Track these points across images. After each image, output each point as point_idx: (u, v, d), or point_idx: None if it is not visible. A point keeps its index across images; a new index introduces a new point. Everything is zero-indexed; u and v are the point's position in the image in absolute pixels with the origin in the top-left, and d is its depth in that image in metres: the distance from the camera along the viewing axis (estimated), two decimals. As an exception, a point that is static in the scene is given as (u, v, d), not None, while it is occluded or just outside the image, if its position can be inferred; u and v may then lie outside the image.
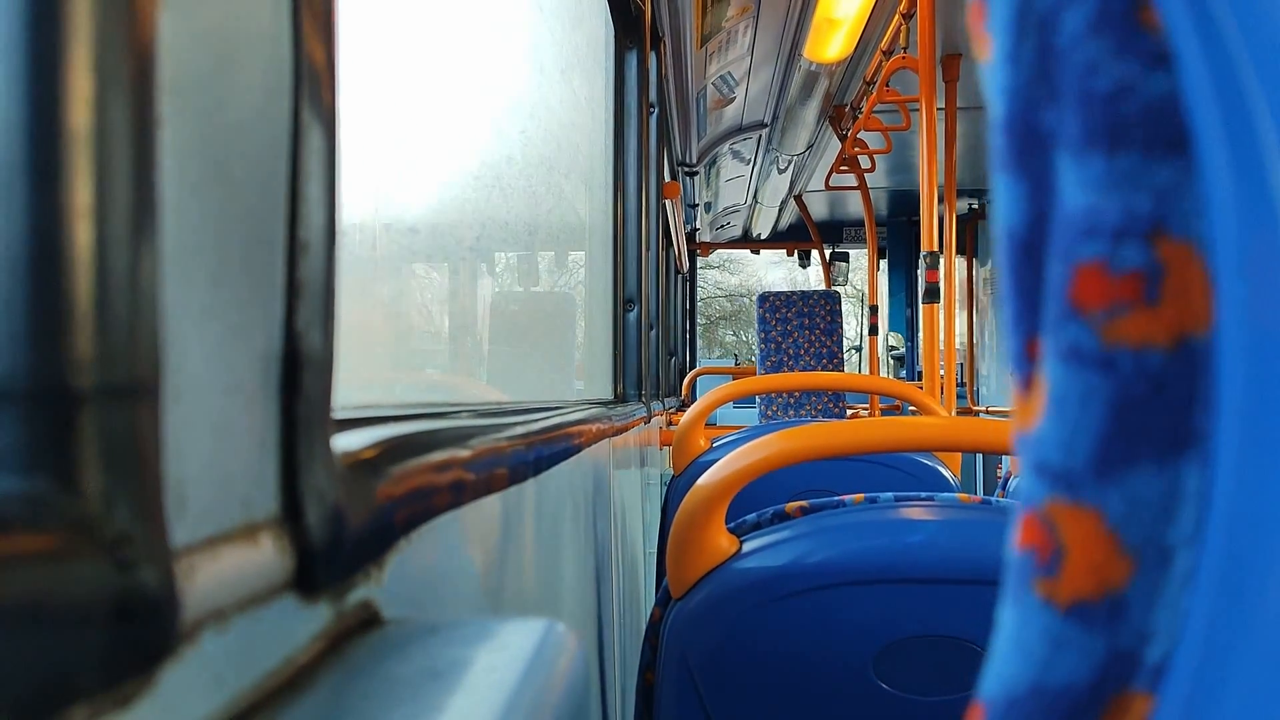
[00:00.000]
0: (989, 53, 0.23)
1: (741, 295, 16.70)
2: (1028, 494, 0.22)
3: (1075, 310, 0.21)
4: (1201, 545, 0.20)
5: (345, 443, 0.37)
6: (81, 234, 0.21)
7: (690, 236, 7.67)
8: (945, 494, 1.02)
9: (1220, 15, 0.18)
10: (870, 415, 5.26)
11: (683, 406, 4.85)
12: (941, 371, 3.07)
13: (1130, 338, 0.20)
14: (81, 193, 0.21)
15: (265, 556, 0.29)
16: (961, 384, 5.85)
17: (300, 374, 0.32)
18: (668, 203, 4.34)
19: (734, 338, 17.01)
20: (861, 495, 1.02)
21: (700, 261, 8.83)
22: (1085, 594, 0.21)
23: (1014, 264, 0.23)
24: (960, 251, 6.41)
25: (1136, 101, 0.20)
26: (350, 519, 0.34)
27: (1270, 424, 0.18)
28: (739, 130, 5.32)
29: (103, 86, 0.22)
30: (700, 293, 10.68)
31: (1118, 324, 0.20)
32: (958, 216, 3.96)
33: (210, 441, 0.27)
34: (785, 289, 5.82)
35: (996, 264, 0.24)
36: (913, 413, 3.50)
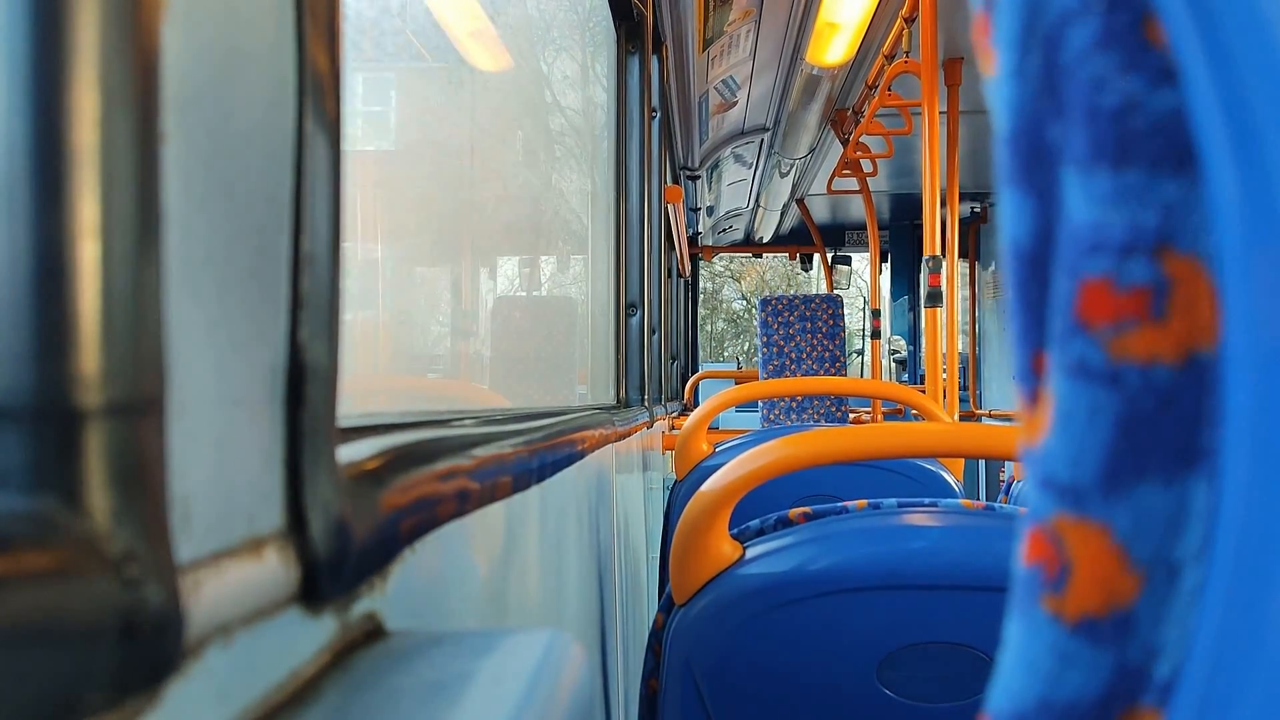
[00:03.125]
0: (994, 67, 0.23)
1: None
2: (1035, 509, 0.22)
3: (1082, 325, 0.21)
4: (1209, 561, 0.20)
5: (349, 453, 0.37)
6: (87, 251, 0.21)
7: (692, 240, 7.66)
8: (948, 500, 1.02)
9: (1226, 30, 0.18)
10: (873, 419, 5.26)
11: (685, 410, 4.85)
12: (944, 375, 3.06)
13: (1137, 353, 0.20)
14: (87, 210, 0.21)
15: (269, 570, 0.29)
16: (964, 387, 5.85)
17: (304, 386, 0.32)
18: (670, 207, 4.34)
19: (743, 304, 14.69)
20: (864, 501, 1.02)
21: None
22: (1093, 610, 0.21)
23: (1020, 278, 0.23)
24: (963, 255, 6.40)
25: (1143, 117, 0.20)
26: (354, 530, 0.34)
27: (1277, 440, 0.18)
28: (741, 134, 5.32)
29: (107, 103, 0.22)
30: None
31: (1125, 339, 0.20)
32: (960, 220, 3.96)
33: (215, 456, 0.27)
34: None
35: (1002, 274, 0.24)
36: (915, 417, 3.50)
